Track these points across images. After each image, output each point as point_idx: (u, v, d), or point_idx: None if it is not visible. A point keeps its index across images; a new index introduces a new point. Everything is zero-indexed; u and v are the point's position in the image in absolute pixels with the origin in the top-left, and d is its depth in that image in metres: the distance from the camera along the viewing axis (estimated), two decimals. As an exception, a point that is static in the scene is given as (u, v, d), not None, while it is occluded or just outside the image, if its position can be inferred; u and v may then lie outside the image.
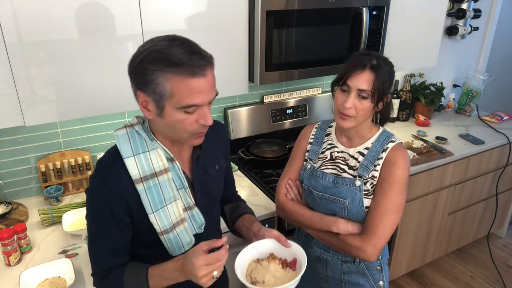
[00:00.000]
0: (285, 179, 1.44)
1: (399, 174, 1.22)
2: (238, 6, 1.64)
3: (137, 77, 0.90)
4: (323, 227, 1.31)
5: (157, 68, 0.86)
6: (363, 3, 1.88)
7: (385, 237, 1.23)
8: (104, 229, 0.99)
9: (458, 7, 2.79)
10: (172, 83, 0.87)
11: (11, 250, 1.37)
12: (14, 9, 1.25)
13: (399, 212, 1.24)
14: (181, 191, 1.05)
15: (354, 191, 1.26)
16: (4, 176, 1.74)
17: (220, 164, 1.18)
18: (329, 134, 1.39)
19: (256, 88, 2.22)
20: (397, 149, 1.26)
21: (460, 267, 2.86)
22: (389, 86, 1.23)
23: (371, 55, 1.21)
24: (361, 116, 1.22)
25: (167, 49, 0.87)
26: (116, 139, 0.99)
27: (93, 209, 1.00)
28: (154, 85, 0.88)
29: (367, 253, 1.22)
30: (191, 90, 0.88)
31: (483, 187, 2.68)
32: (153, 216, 1.00)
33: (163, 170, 1.00)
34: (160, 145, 1.00)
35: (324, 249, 1.39)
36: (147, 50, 0.88)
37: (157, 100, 0.90)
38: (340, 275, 1.39)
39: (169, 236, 1.03)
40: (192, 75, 0.87)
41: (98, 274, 1.03)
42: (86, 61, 1.41)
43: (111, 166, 0.97)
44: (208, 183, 1.13)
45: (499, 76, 3.20)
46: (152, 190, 0.98)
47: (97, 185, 0.98)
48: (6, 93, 1.33)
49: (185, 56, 0.86)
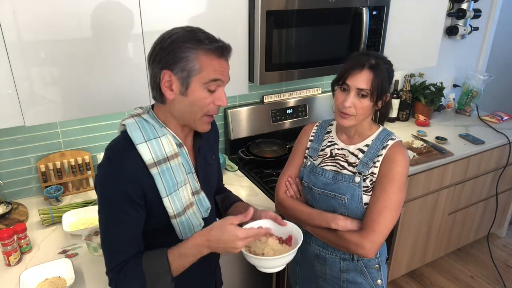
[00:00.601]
0: (285, 176, 1.45)
1: (398, 171, 1.24)
2: (238, 6, 1.64)
3: (166, 56, 0.96)
4: (322, 223, 1.31)
5: (191, 45, 0.95)
6: (363, 3, 1.88)
7: (383, 233, 1.24)
8: (120, 215, 0.99)
9: (458, 7, 2.79)
10: (202, 61, 0.96)
11: (11, 250, 1.37)
12: (14, 9, 1.25)
13: (397, 209, 1.25)
14: (190, 176, 1.09)
15: (353, 188, 1.27)
16: (4, 176, 1.74)
17: (215, 154, 1.25)
18: (330, 132, 1.41)
19: (256, 88, 2.22)
20: (397, 147, 1.27)
21: (460, 267, 2.86)
22: (388, 85, 1.24)
23: (370, 55, 1.23)
24: (361, 114, 1.24)
25: (196, 33, 0.98)
26: (127, 128, 1.01)
27: (107, 196, 0.99)
28: (185, 62, 0.96)
29: (365, 249, 1.23)
30: (217, 68, 0.99)
31: (483, 187, 2.68)
32: (167, 200, 1.03)
33: (174, 155, 1.04)
34: (169, 131, 1.05)
35: (323, 247, 1.39)
36: (177, 33, 0.97)
37: (184, 78, 0.97)
38: (338, 273, 1.39)
39: (181, 219, 1.07)
40: (219, 56, 0.99)
41: (115, 268, 1.01)
42: (86, 61, 1.41)
43: (124, 152, 0.99)
44: (208, 172, 1.19)
45: (499, 76, 3.20)
46: (165, 174, 1.02)
47: (110, 171, 0.99)
48: (6, 93, 1.33)
49: (212, 40, 0.98)
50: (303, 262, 1.49)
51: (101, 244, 1.04)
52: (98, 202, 1.02)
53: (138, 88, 1.55)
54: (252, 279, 1.77)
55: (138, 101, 1.54)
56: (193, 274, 1.15)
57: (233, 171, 2.07)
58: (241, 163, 2.12)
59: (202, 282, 1.26)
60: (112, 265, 1.02)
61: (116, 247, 1.02)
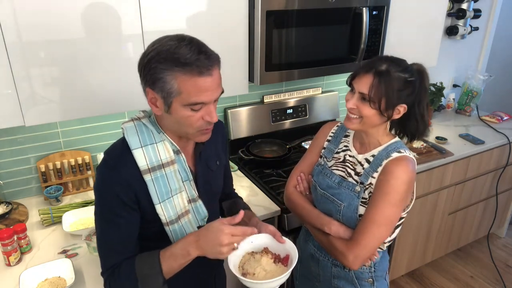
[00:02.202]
0: (297, 172, 1.44)
1: (393, 184, 1.16)
2: (238, 6, 1.64)
3: (146, 75, 0.93)
4: (317, 224, 1.31)
5: (165, 67, 0.89)
6: (363, 3, 1.88)
7: (368, 248, 1.19)
8: (115, 218, 0.99)
9: (458, 7, 2.79)
10: (179, 82, 0.90)
11: (11, 250, 1.37)
12: (14, 9, 1.25)
13: (387, 225, 1.19)
14: (186, 183, 1.07)
15: (352, 197, 1.25)
16: (4, 176, 1.74)
17: (220, 160, 1.21)
18: (348, 136, 1.37)
19: (256, 88, 2.22)
20: (400, 160, 1.18)
21: (460, 267, 2.86)
22: (399, 96, 1.14)
23: (386, 60, 1.15)
24: (367, 119, 1.18)
25: (175, 49, 0.90)
26: (124, 132, 1.01)
27: (102, 198, 1.00)
28: (162, 83, 0.91)
29: (348, 261, 1.21)
30: (198, 89, 0.91)
31: (483, 187, 2.68)
32: (160, 207, 1.02)
33: (169, 162, 1.03)
34: (167, 137, 1.03)
35: (318, 248, 1.39)
36: (156, 50, 0.91)
37: (165, 97, 0.93)
38: (330, 277, 1.38)
39: (174, 227, 1.06)
40: (199, 74, 0.90)
41: (109, 269, 1.02)
42: (86, 61, 1.41)
43: (119, 157, 0.99)
44: (210, 178, 1.17)
45: (499, 76, 3.20)
46: (159, 181, 1.01)
47: (106, 175, 0.99)
48: (6, 93, 1.33)
49: (192, 56, 0.89)
50: (303, 260, 1.48)
51: (97, 246, 1.05)
52: (95, 205, 1.03)
53: (138, 88, 1.53)
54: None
55: (138, 101, 1.53)
56: (190, 281, 1.15)
57: (233, 171, 2.07)
58: (241, 163, 2.12)
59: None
60: (107, 266, 1.02)
61: (111, 249, 1.02)
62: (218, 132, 1.21)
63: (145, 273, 0.98)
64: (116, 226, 1.00)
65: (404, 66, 1.16)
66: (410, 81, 1.15)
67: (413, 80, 1.16)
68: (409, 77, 1.15)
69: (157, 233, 1.06)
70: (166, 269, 0.98)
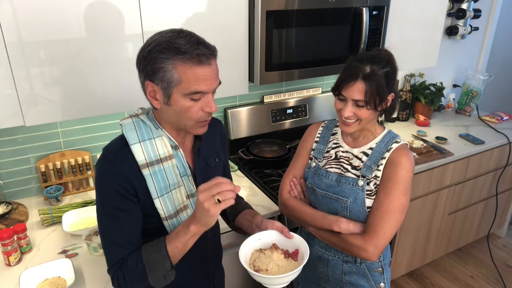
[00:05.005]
0: (290, 176, 1.45)
1: (403, 174, 1.22)
2: (238, 6, 1.64)
3: (146, 66, 0.94)
4: (325, 225, 1.31)
5: (165, 56, 0.91)
6: (363, 3, 1.88)
7: (387, 237, 1.23)
8: (116, 212, 1.00)
9: (458, 7, 2.79)
10: (180, 71, 0.92)
11: (11, 250, 1.37)
12: (14, 9, 1.25)
13: (401, 212, 1.24)
14: (184, 178, 1.08)
15: (356, 191, 1.27)
16: (4, 176, 1.74)
17: (219, 157, 1.22)
18: (335, 134, 1.40)
19: (256, 88, 2.22)
20: (401, 150, 1.26)
21: (460, 267, 2.86)
22: (387, 90, 1.21)
23: (366, 61, 1.19)
24: (364, 119, 1.23)
25: (175, 39, 0.92)
26: (123, 128, 1.02)
27: (102, 193, 1.01)
28: (163, 73, 0.92)
29: (368, 252, 1.23)
30: (198, 78, 0.93)
31: (483, 187, 2.68)
32: (158, 201, 1.03)
33: (167, 157, 1.04)
34: (165, 132, 1.04)
35: (326, 249, 1.39)
36: (156, 41, 0.93)
37: (164, 88, 0.94)
38: (341, 275, 1.39)
39: (173, 221, 1.06)
40: (199, 63, 0.92)
41: (115, 265, 1.02)
42: (86, 61, 1.41)
43: (118, 152, 1.00)
44: (209, 175, 1.16)
45: (499, 76, 3.20)
46: (157, 175, 1.02)
47: (104, 169, 1.00)
48: (6, 93, 1.33)
49: (192, 45, 0.92)
50: (306, 264, 1.48)
51: (101, 242, 1.05)
52: (96, 202, 1.03)
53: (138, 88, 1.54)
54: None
55: (138, 101, 1.53)
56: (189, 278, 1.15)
57: (233, 171, 2.07)
58: (241, 163, 2.12)
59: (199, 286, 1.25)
60: (113, 262, 1.02)
61: (115, 244, 1.02)
62: (217, 130, 1.23)
63: (152, 258, 0.99)
64: (118, 220, 1.00)
65: (380, 60, 1.21)
66: (390, 72, 1.22)
67: (392, 70, 1.24)
68: (389, 70, 1.22)
69: (156, 228, 1.06)
70: (172, 250, 0.99)
